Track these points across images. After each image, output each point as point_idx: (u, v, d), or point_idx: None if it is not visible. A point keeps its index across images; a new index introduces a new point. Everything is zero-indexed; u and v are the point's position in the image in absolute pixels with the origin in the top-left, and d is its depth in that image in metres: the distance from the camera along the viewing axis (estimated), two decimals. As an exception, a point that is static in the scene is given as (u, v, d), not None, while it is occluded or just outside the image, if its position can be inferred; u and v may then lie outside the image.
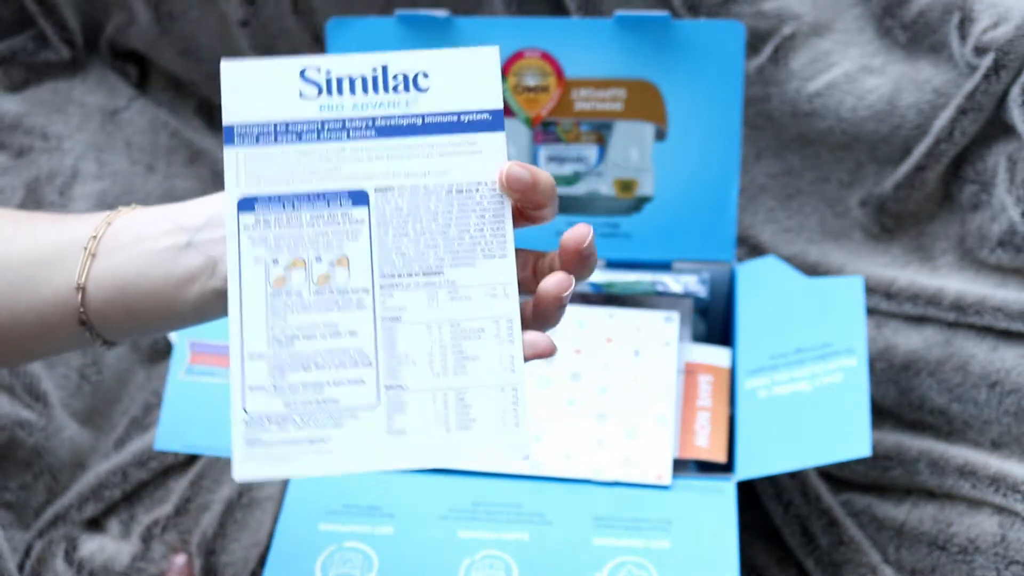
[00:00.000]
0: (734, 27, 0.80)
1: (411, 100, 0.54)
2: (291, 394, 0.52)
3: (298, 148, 0.54)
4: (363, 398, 0.52)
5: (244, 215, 0.53)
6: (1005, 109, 0.82)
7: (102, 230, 0.56)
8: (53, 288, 0.56)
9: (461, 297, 0.53)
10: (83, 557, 0.78)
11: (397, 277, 0.53)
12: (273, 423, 0.52)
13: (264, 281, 0.53)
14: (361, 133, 0.54)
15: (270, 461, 0.52)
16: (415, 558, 0.70)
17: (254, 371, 0.52)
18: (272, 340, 0.52)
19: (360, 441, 0.52)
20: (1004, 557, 0.73)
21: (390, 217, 0.54)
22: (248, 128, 0.54)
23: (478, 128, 0.54)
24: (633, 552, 0.70)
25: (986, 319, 0.80)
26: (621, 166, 0.82)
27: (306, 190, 0.54)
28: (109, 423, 0.86)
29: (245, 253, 0.53)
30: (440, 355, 0.53)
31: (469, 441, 0.53)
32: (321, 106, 0.54)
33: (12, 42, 0.96)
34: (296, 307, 0.53)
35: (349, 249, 0.53)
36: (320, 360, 0.53)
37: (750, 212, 0.91)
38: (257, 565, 0.78)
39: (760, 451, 0.74)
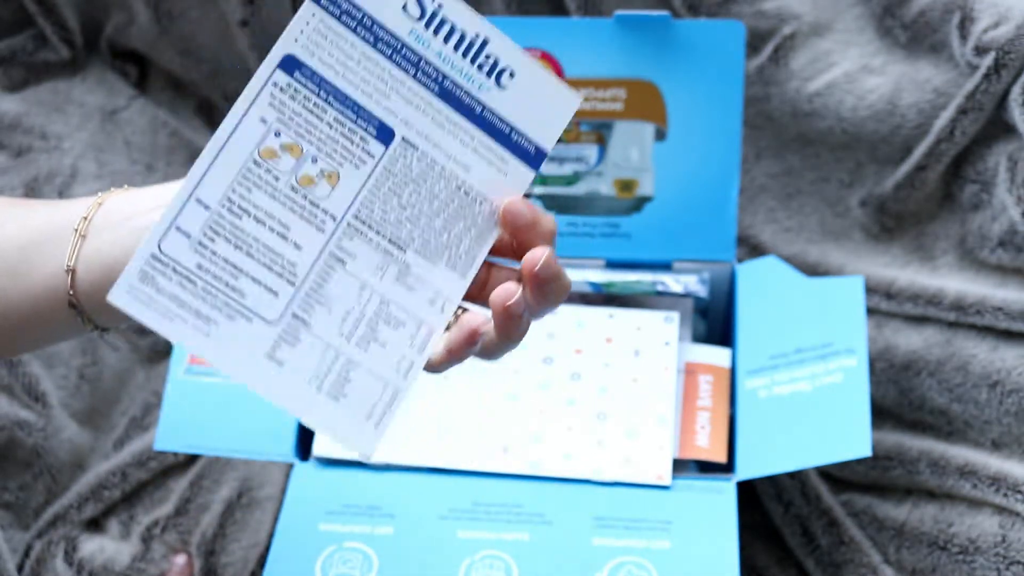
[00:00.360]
0: (734, 27, 0.80)
1: (486, 86, 0.53)
2: (209, 260, 0.50)
3: (368, 51, 0.52)
4: (267, 309, 0.51)
5: (280, 72, 0.51)
6: (1006, 109, 0.82)
7: (93, 211, 0.55)
8: (45, 272, 0.55)
9: (406, 284, 0.52)
10: (83, 557, 0.78)
11: (366, 226, 0.52)
12: (177, 275, 0.50)
13: (256, 143, 0.51)
14: (427, 80, 0.52)
15: (149, 306, 0.49)
16: (415, 558, 0.70)
17: (191, 216, 0.50)
18: (226, 201, 0.50)
19: (238, 344, 0.50)
20: (1005, 557, 0.73)
21: (398, 171, 0.52)
22: (341, 2, 0.52)
23: (519, 153, 0.54)
24: (633, 552, 0.70)
25: (986, 319, 0.80)
26: (621, 166, 0.82)
27: (348, 92, 0.52)
28: (109, 423, 0.86)
29: (257, 106, 0.51)
30: (356, 320, 0.52)
31: (329, 410, 0.51)
32: (412, 30, 0.52)
33: (12, 42, 0.96)
34: (267, 187, 0.51)
35: (346, 171, 0.52)
36: (254, 249, 0.51)
37: (750, 212, 0.91)
38: (257, 565, 0.78)
39: (760, 451, 0.74)
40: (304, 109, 0.51)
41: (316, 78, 0.51)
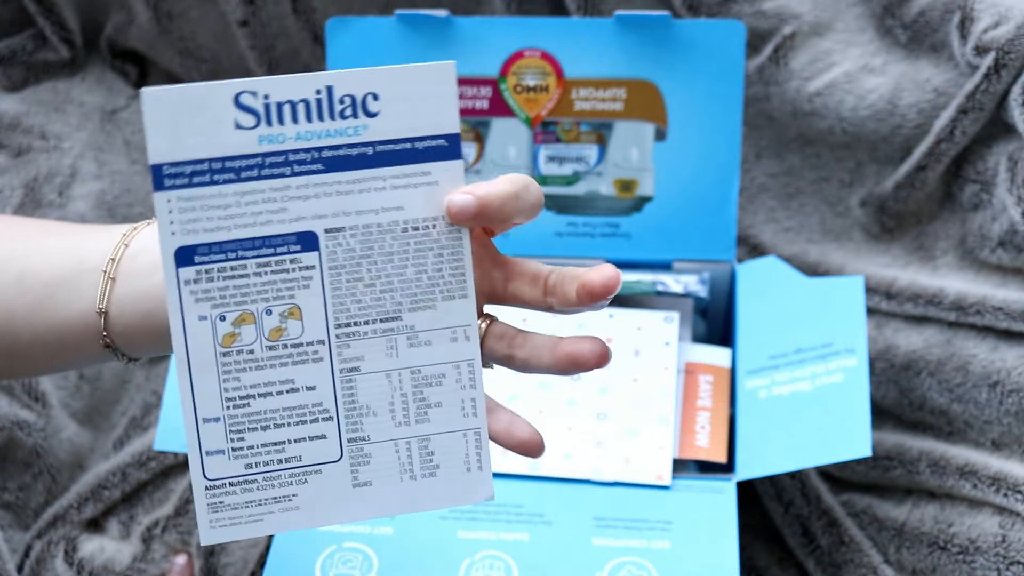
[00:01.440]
0: (734, 27, 0.80)
1: (360, 127, 0.50)
2: (251, 456, 0.50)
3: (237, 188, 0.49)
4: (326, 453, 0.51)
5: (183, 269, 0.49)
6: (1006, 109, 0.82)
7: (120, 252, 0.54)
8: (73, 311, 0.54)
9: (421, 342, 0.51)
10: (83, 557, 0.78)
11: (354, 326, 0.51)
12: (236, 486, 0.50)
13: (212, 340, 0.50)
14: (307, 167, 0.49)
15: (237, 523, 0.50)
16: (415, 558, 0.70)
17: (210, 436, 0.50)
18: (226, 402, 0.50)
19: (326, 496, 0.51)
20: (1005, 557, 0.73)
21: (342, 261, 0.50)
22: (180, 167, 0.48)
23: (433, 156, 0.50)
24: (633, 552, 0.70)
25: (987, 319, 0.80)
26: (621, 166, 0.82)
27: (250, 235, 0.49)
28: (108, 423, 0.86)
29: (188, 311, 0.49)
30: (401, 404, 0.51)
31: (434, 488, 0.52)
32: (261, 137, 0.49)
33: (12, 42, 0.96)
34: (249, 365, 0.50)
35: (301, 298, 0.50)
36: (279, 418, 0.51)
37: (750, 212, 0.91)
38: (257, 566, 0.78)
39: (760, 451, 0.74)
40: (227, 281, 0.50)
41: (215, 247, 0.49)
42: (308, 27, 0.94)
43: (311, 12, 0.93)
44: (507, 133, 0.82)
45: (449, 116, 0.50)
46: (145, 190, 0.93)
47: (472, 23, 0.81)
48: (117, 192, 0.92)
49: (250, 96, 0.49)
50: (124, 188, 0.92)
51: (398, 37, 0.81)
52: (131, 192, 0.92)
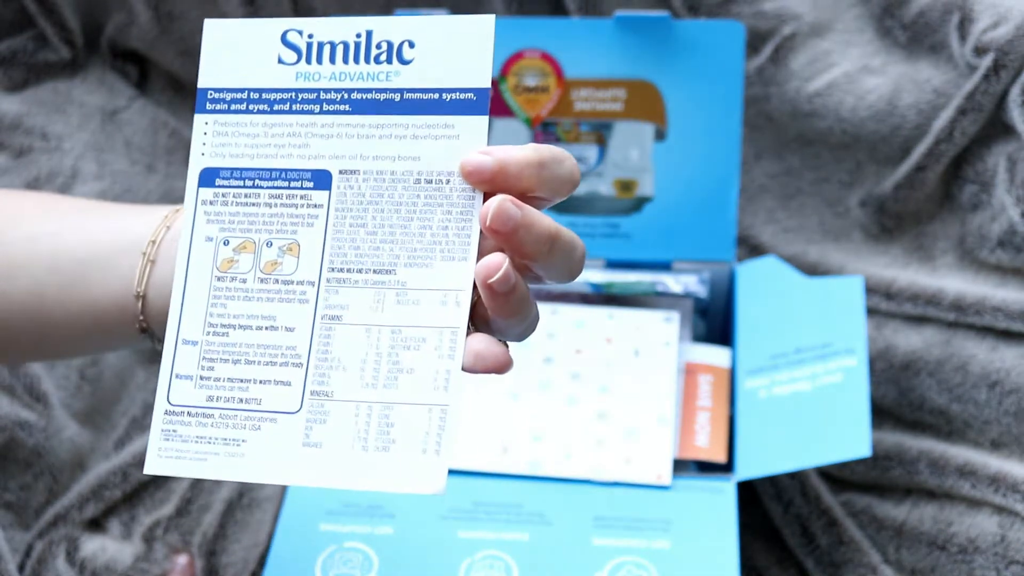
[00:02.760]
0: (734, 27, 0.80)
1: (392, 72, 0.49)
2: (216, 388, 0.49)
3: (268, 119, 0.50)
4: (286, 402, 0.49)
5: (203, 189, 0.50)
6: (1005, 109, 0.82)
7: (161, 234, 0.53)
8: (109, 291, 0.54)
9: (409, 301, 0.49)
10: (85, 557, 0.78)
11: (347, 272, 0.49)
12: (193, 417, 0.49)
13: (211, 263, 0.49)
14: (335, 107, 0.50)
15: (183, 458, 0.49)
16: (415, 558, 0.70)
17: (185, 359, 0.49)
18: (208, 327, 0.49)
19: (274, 449, 0.49)
20: (1004, 557, 0.73)
21: (351, 204, 0.49)
22: (222, 94, 0.50)
23: (459, 110, 0.49)
24: (633, 552, 0.70)
25: (986, 319, 0.80)
26: (621, 166, 0.82)
27: (269, 166, 0.50)
28: (109, 423, 0.86)
29: (198, 231, 0.50)
30: (374, 363, 0.49)
31: (383, 465, 0.48)
32: (298, 74, 0.50)
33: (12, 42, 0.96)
34: (238, 294, 0.49)
35: (302, 236, 0.50)
36: (251, 354, 0.49)
37: (750, 212, 0.91)
38: (257, 566, 0.78)
39: (760, 451, 0.74)
40: (239, 207, 0.50)
41: (236, 172, 0.50)
42: (308, 27, 0.94)
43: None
44: (507, 133, 0.82)
45: (481, 70, 0.49)
46: (145, 191, 0.93)
47: (472, 24, 0.81)
48: (118, 192, 0.92)
49: (296, 34, 0.50)
50: (125, 188, 0.92)
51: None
52: (132, 192, 0.92)
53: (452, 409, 0.48)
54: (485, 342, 0.47)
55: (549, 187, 0.48)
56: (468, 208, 0.49)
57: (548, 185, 0.48)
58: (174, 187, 0.94)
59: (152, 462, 0.49)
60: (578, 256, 0.49)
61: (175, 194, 0.93)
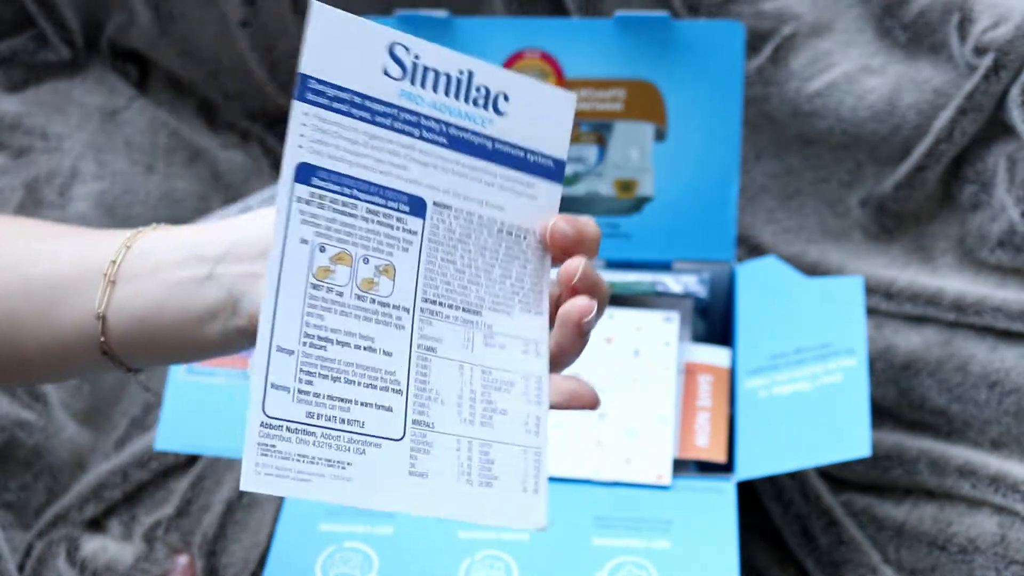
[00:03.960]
0: (734, 27, 0.80)
1: (487, 119, 0.51)
2: (316, 404, 0.47)
3: (370, 129, 0.49)
4: (389, 428, 0.48)
5: (300, 186, 0.47)
6: (1005, 109, 0.82)
7: (121, 254, 0.53)
8: (74, 315, 0.53)
9: (496, 344, 0.50)
10: (85, 557, 0.78)
11: (439, 305, 0.49)
12: (293, 432, 0.46)
13: (307, 267, 0.47)
14: (434, 136, 0.50)
15: (283, 476, 0.46)
16: (415, 558, 0.70)
17: (281, 368, 0.46)
18: (304, 337, 0.47)
19: (380, 475, 0.47)
20: (1004, 557, 0.73)
21: (442, 238, 0.50)
22: (324, 87, 0.48)
23: (539, 172, 0.51)
24: (633, 552, 0.71)
25: (986, 319, 0.80)
26: (621, 166, 0.82)
27: (369, 179, 0.48)
28: (109, 423, 0.86)
29: (293, 230, 0.47)
30: (469, 400, 0.49)
31: (488, 500, 0.49)
32: (402, 91, 0.49)
33: (12, 42, 0.96)
34: (335, 307, 0.48)
35: (398, 259, 0.49)
36: (351, 373, 0.47)
37: (750, 212, 0.91)
38: (257, 565, 0.78)
39: (760, 451, 0.74)
40: (336, 213, 0.48)
41: (335, 176, 0.48)
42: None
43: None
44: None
45: (562, 142, 0.52)
46: (145, 191, 0.93)
47: (472, 23, 0.81)
48: (117, 192, 0.92)
49: (403, 49, 0.49)
50: (124, 188, 0.92)
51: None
52: (131, 192, 0.92)
53: (544, 452, 0.50)
54: (577, 383, 0.52)
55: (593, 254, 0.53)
56: (540, 266, 0.52)
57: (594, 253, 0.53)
58: (174, 187, 0.94)
59: (249, 478, 0.45)
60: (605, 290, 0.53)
61: (175, 194, 0.93)
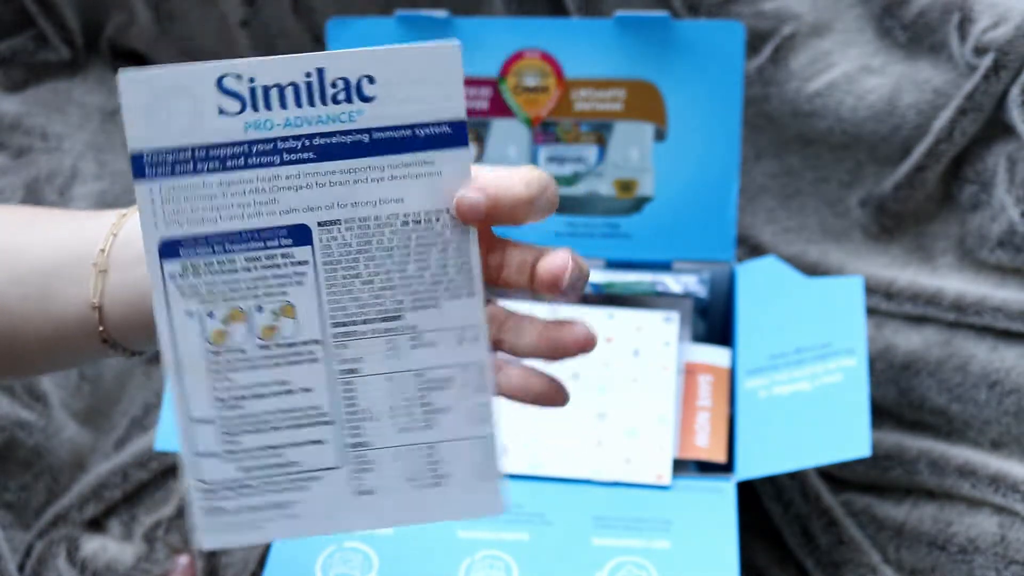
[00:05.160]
0: (734, 27, 0.80)
1: (355, 112, 0.46)
2: (247, 459, 0.48)
3: (223, 177, 0.45)
4: (324, 459, 0.48)
5: (168, 262, 0.46)
6: (1005, 109, 0.82)
7: (109, 242, 0.53)
8: (69, 304, 0.53)
9: (425, 343, 0.48)
10: (85, 557, 0.78)
11: (351, 325, 0.47)
12: (232, 490, 0.48)
13: (201, 337, 0.47)
14: (297, 156, 0.46)
15: (235, 529, 0.48)
16: (415, 558, 0.70)
17: (203, 437, 0.47)
18: (217, 403, 0.47)
19: (327, 503, 0.48)
20: (1004, 557, 0.73)
21: (338, 256, 0.47)
22: (161, 156, 0.45)
23: (436, 144, 0.46)
24: (633, 552, 0.71)
25: (986, 319, 0.80)
26: (621, 166, 0.82)
27: (237, 228, 0.46)
28: (109, 423, 0.86)
29: (175, 307, 0.46)
30: (405, 409, 0.48)
31: (441, 499, 0.49)
32: (247, 124, 0.45)
33: (12, 42, 0.96)
34: (240, 365, 0.47)
35: (294, 295, 0.47)
36: (274, 421, 0.48)
37: (750, 212, 0.91)
38: (257, 566, 0.78)
39: (760, 451, 0.74)
40: (214, 275, 0.46)
41: (200, 241, 0.46)
42: (308, 27, 0.94)
43: (311, 12, 0.93)
44: (507, 134, 0.82)
45: (454, 101, 0.46)
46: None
47: (472, 23, 0.81)
48: (117, 192, 0.92)
49: (233, 79, 0.45)
50: (124, 188, 0.92)
51: (398, 38, 0.81)
52: (131, 192, 0.92)
53: (496, 437, 0.49)
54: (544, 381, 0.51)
55: (536, 216, 0.49)
56: (464, 243, 0.48)
57: (535, 216, 0.49)
58: (174, 187, 0.94)
59: (204, 538, 0.48)
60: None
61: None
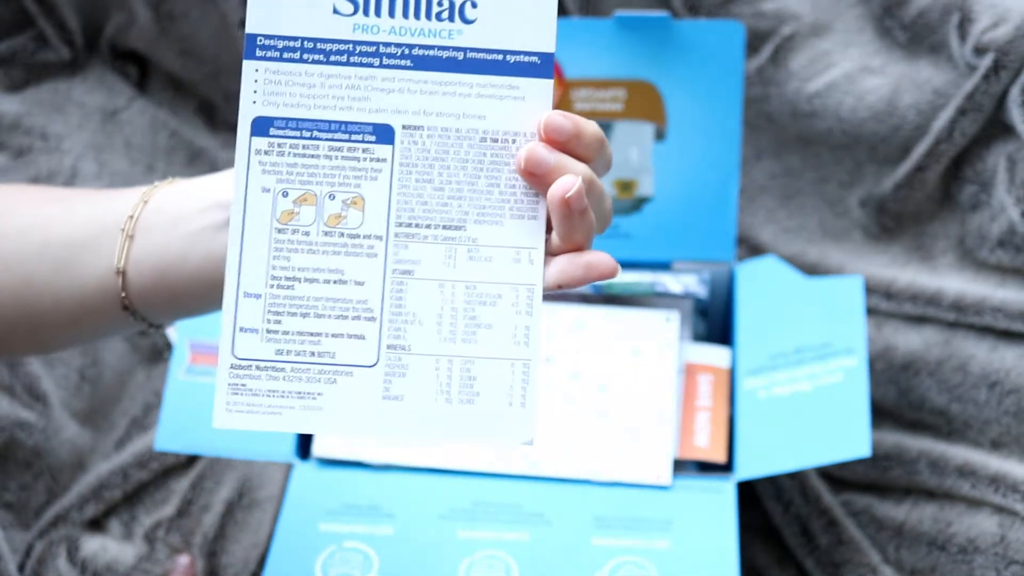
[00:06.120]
0: (734, 27, 0.80)
1: (455, 31, 0.49)
2: (284, 341, 0.49)
3: (325, 70, 0.49)
4: (362, 355, 0.49)
5: (257, 139, 0.49)
6: (1005, 109, 0.82)
7: (139, 209, 0.54)
8: (93, 272, 0.54)
9: (481, 258, 0.49)
10: (86, 557, 0.78)
11: (415, 227, 0.49)
12: (262, 371, 0.48)
13: (270, 214, 0.49)
14: (396, 61, 0.49)
15: (254, 411, 0.48)
16: (415, 558, 0.70)
17: (248, 312, 0.48)
18: (271, 280, 0.49)
19: (352, 402, 0.49)
20: (1004, 557, 0.74)
21: (415, 159, 0.49)
22: (272, 40, 0.49)
23: (523, 72, 0.49)
24: (633, 552, 0.71)
25: (986, 319, 0.80)
26: (621, 166, 0.82)
27: (328, 117, 0.49)
28: (109, 423, 0.86)
29: (253, 181, 0.49)
30: (450, 318, 0.49)
31: (470, 417, 0.49)
32: (356, 25, 0.49)
33: (12, 42, 0.96)
34: (302, 247, 0.49)
35: (366, 189, 0.49)
36: (320, 308, 0.49)
37: (750, 212, 0.91)
38: (257, 566, 0.78)
39: (760, 451, 0.74)
40: (296, 158, 0.49)
41: (292, 123, 0.49)
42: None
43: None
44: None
45: (546, 34, 0.49)
46: (145, 190, 0.93)
47: (472, 24, 0.81)
48: (118, 192, 0.92)
49: None
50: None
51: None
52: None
53: (534, 363, 0.49)
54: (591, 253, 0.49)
55: (599, 164, 0.50)
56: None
57: (600, 162, 0.50)
58: (174, 187, 0.94)
59: (221, 416, 0.48)
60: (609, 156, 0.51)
61: (175, 194, 0.93)
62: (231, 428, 0.49)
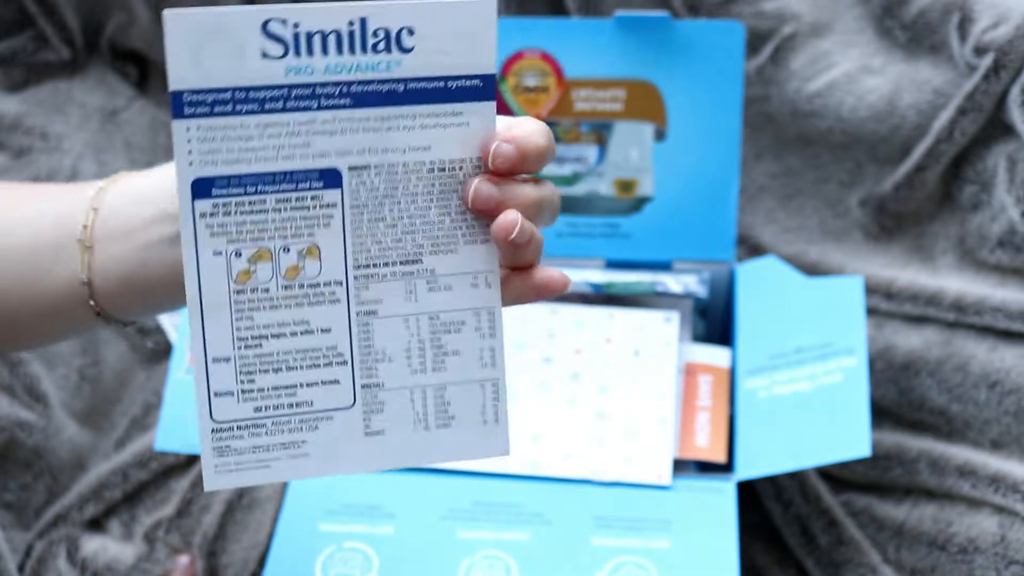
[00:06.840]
0: (734, 27, 0.80)
1: (392, 62, 0.47)
2: (262, 399, 0.49)
3: (261, 119, 0.47)
4: (338, 399, 0.49)
5: (200, 202, 0.47)
6: (1005, 109, 0.82)
7: (90, 218, 0.53)
8: (61, 281, 0.54)
9: (440, 287, 0.50)
10: (86, 557, 0.78)
11: (373, 267, 0.49)
12: (243, 430, 0.49)
13: (226, 277, 0.48)
14: (334, 101, 0.47)
15: (242, 469, 0.49)
16: (415, 558, 0.70)
17: (220, 376, 0.48)
18: (238, 342, 0.48)
19: (337, 444, 0.50)
20: (1004, 557, 0.73)
21: (365, 200, 0.48)
22: (201, 95, 0.46)
23: (466, 96, 0.48)
24: (633, 552, 0.71)
25: (986, 319, 0.80)
26: (621, 166, 0.82)
27: (271, 169, 0.47)
28: (109, 423, 0.86)
29: (203, 245, 0.47)
30: (418, 350, 0.50)
31: (449, 439, 0.51)
32: (288, 68, 0.46)
33: (12, 42, 0.96)
34: (263, 304, 0.48)
35: (320, 237, 0.48)
36: (291, 360, 0.49)
37: (750, 212, 0.91)
38: (257, 566, 0.78)
39: (760, 451, 0.74)
40: (244, 215, 0.48)
41: (234, 180, 0.47)
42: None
43: None
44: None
45: (485, 55, 0.48)
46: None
47: (472, 24, 0.81)
48: (117, 192, 0.92)
49: (279, 24, 0.46)
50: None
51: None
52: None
53: (502, 381, 0.51)
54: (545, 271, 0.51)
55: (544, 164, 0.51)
56: None
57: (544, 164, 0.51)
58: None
59: (210, 479, 0.48)
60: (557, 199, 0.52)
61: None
62: (223, 488, 0.49)
